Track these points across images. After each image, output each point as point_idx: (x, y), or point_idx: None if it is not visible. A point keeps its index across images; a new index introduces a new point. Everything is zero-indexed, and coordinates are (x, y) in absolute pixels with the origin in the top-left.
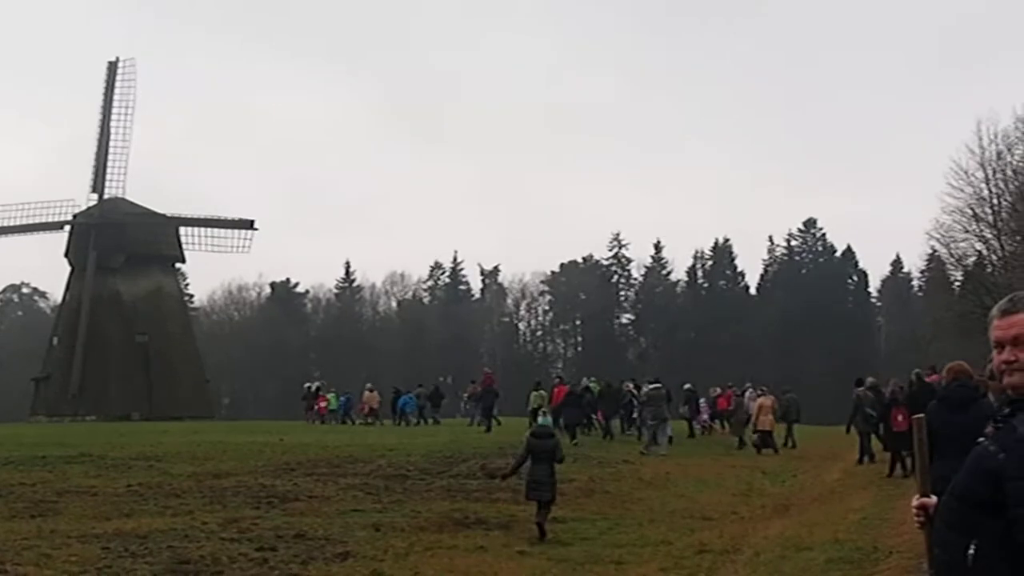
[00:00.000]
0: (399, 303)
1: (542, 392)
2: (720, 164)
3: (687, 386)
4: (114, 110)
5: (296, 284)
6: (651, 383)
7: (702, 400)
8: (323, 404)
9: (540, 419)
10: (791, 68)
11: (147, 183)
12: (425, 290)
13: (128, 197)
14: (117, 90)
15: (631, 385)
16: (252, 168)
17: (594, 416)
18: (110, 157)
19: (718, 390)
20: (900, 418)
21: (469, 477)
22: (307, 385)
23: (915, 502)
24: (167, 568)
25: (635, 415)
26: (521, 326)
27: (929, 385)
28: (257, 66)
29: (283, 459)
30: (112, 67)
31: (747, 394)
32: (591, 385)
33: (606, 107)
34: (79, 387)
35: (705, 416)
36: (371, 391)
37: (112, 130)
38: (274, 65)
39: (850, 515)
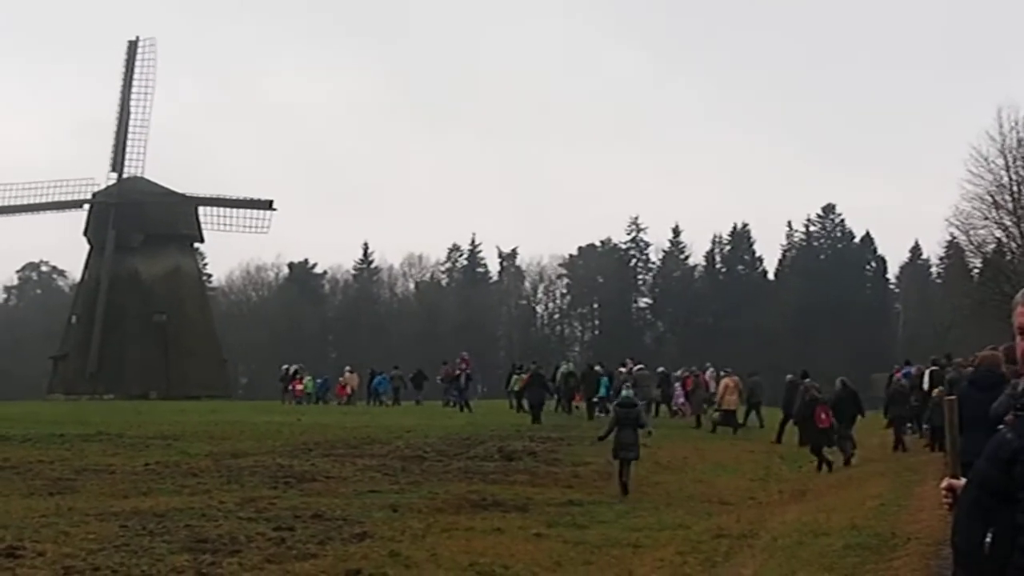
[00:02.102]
0: (417, 285)
1: (522, 376)
2: (739, 149)
3: (660, 369)
4: (134, 89)
5: (314, 265)
6: (636, 366)
7: (676, 383)
8: (299, 387)
9: (624, 392)
10: (812, 53)
11: (166, 162)
12: (443, 272)
13: (147, 176)
14: (137, 69)
15: (601, 367)
16: (271, 149)
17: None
18: (129, 136)
19: (685, 372)
20: (824, 416)
21: (486, 459)
22: (284, 367)
23: (944, 483)
24: (185, 546)
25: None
26: (539, 309)
27: (853, 391)
28: (277, 47)
29: (301, 439)
30: (132, 46)
31: (707, 373)
32: (571, 369)
33: (625, 91)
34: (97, 365)
35: (681, 398)
36: (351, 372)
37: (132, 109)
38: (293, 46)
39: (867, 501)
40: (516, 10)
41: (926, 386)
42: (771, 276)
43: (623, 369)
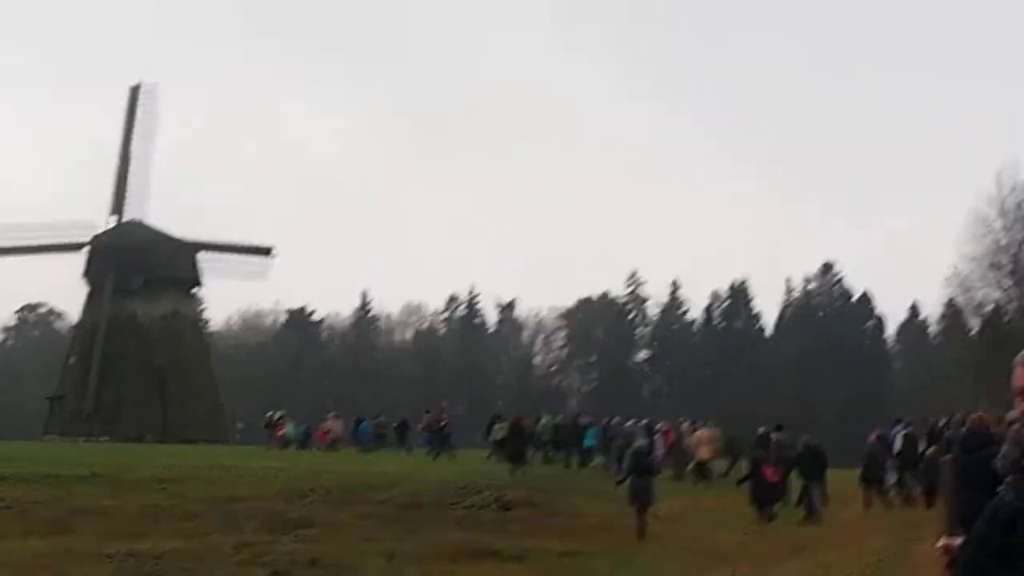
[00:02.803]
0: (415, 333)
1: (504, 424)
2: (739, 203)
3: (643, 422)
4: (135, 134)
5: (312, 312)
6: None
7: (656, 436)
8: (280, 433)
9: (639, 442)
10: (813, 108)
11: (167, 204)
12: (441, 321)
13: (148, 220)
14: (139, 114)
15: (588, 420)
16: (272, 192)
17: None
18: (130, 180)
19: (666, 425)
20: (770, 472)
21: (484, 508)
22: (269, 414)
23: (941, 542)
24: None
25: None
26: (536, 360)
27: (815, 449)
28: (278, 92)
29: (297, 485)
30: (134, 92)
31: (683, 427)
32: (559, 421)
33: (625, 145)
34: (93, 407)
35: (660, 451)
36: (335, 418)
37: (132, 154)
38: (295, 92)
39: (866, 558)
40: (514, 58)
41: (897, 447)
42: (769, 332)
43: (611, 422)
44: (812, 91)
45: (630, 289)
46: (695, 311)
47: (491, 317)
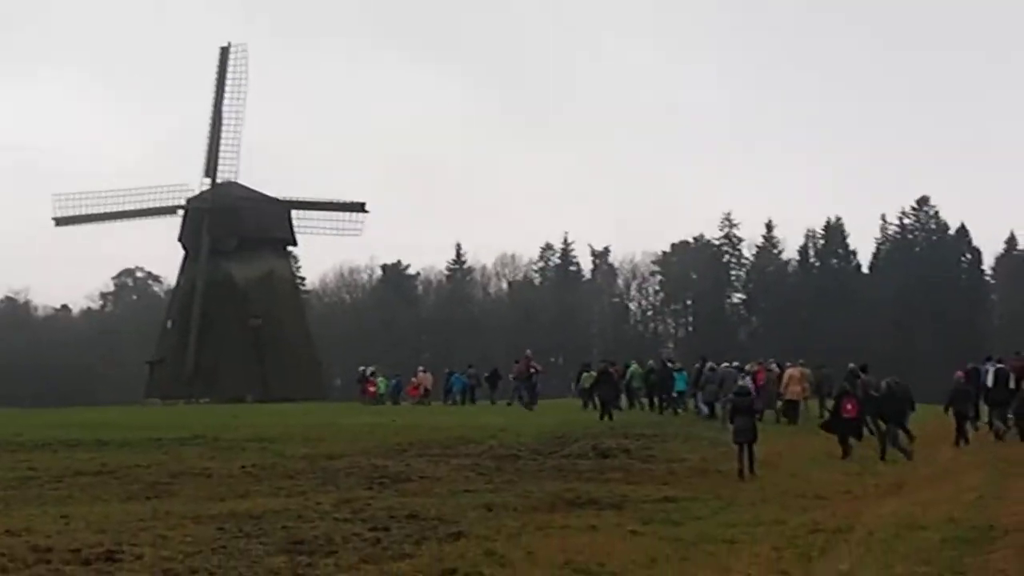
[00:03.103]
0: (510, 284)
1: (592, 373)
2: (832, 142)
3: (734, 365)
4: (226, 95)
5: (407, 266)
6: (724, 364)
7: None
8: (371, 389)
9: (739, 383)
10: (903, 44)
11: (258, 166)
12: (536, 271)
13: (240, 181)
14: (229, 75)
15: (679, 364)
16: (362, 152)
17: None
18: (222, 141)
19: (755, 366)
20: (850, 406)
21: (581, 457)
22: (361, 369)
23: None
24: (281, 548)
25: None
26: (632, 306)
27: (900, 390)
28: (367, 52)
29: (395, 440)
30: (224, 52)
31: (772, 367)
32: (651, 365)
33: (716, 89)
34: (193, 370)
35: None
36: (424, 372)
37: (224, 115)
38: (384, 52)
39: (964, 494)
40: (606, 15)
41: (989, 383)
42: (865, 270)
43: (705, 367)
44: (904, 26)
45: (724, 231)
46: (790, 251)
47: (586, 265)
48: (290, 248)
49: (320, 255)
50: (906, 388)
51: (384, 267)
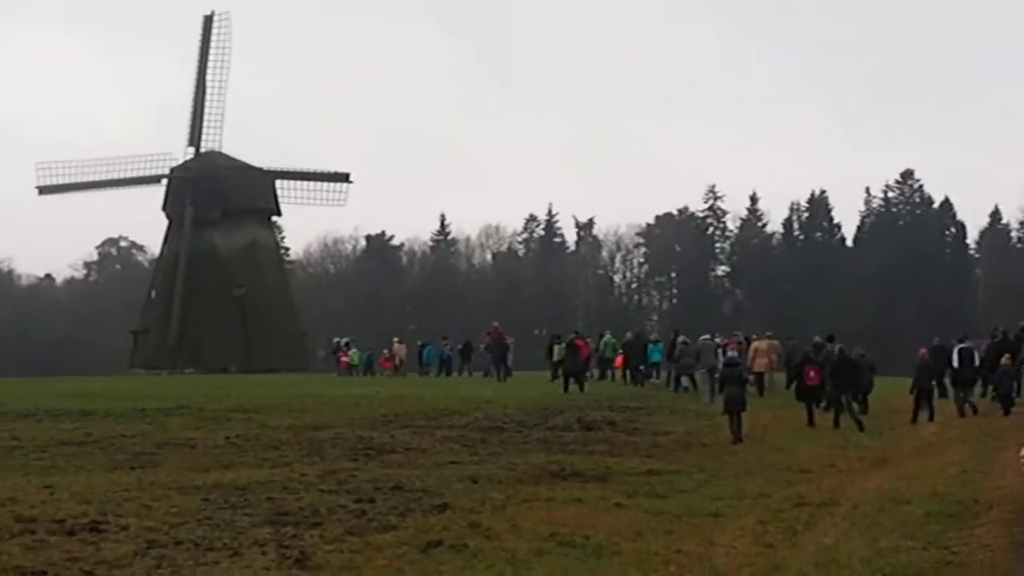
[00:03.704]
0: (494, 256)
1: (562, 345)
2: (816, 115)
3: (703, 337)
4: (210, 64)
5: (391, 237)
6: (702, 336)
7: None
8: (344, 359)
9: (728, 354)
10: (888, 16)
11: (244, 136)
12: (520, 242)
13: (224, 150)
14: (213, 44)
15: (655, 336)
16: (346, 121)
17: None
18: (206, 111)
19: (725, 339)
20: (812, 374)
21: (565, 429)
22: (336, 340)
23: (1023, 452)
24: (266, 519)
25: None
26: (616, 278)
27: (851, 360)
28: (350, 18)
29: (380, 411)
30: (208, 21)
31: (742, 340)
32: (611, 340)
33: (701, 59)
34: (177, 340)
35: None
36: (399, 343)
37: (208, 84)
38: (367, 17)
39: (948, 468)
40: None
41: (955, 364)
42: (849, 243)
43: (678, 338)
44: (888, 2)
45: (708, 203)
46: (774, 224)
47: (570, 236)
48: (274, 218)
49: (304, 225)
50: (859, 357)
51: (368, 238)
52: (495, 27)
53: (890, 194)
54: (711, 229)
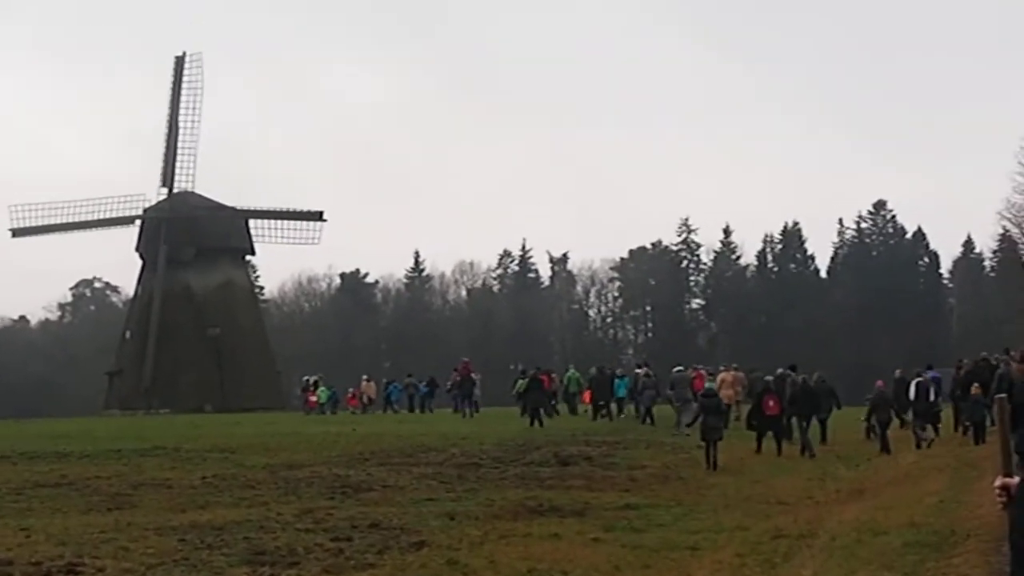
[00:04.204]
0: (468, 292)
1: (526, 380)
2: (788, 146)
3: (676, 368)
4: (182, 104)
5: (366, 275)
6: (676, 367)
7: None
8: (312, 399)
9: (707, 385)
10: (861, 47)
11: (217, 174)
12: (494, 278)
13: (197, 190)
14: (184, 84)
15: (620, 370)
16: (321, 156)
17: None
18: (179, 151)
19: (691, 372)
20: (772, 403)
21: (542, 465)
22: (305, 379)
23: (997, 482)
24: (243, 559)
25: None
26: (591, 313)
27: (810, 388)
28: (328, 53)
29: (356, 449)
30: (179, 62)
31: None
32: (574, 375)
33: (674, 91)
34: (152, 380)
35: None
36: (368, 381)
37: (180, 124)
38: (344, 54)
39: (926, 498)
40: (563, 11)
41: (912, 395)
42: (824, 274)
43: (639, 371)
44: (858, 32)
45: (682, 237)
46: (748, 256)
47: (544, 272)
48: (248, 257)
49: (278, 264)
50: (817, 385)
51: (343, 275)
52: (471, 60)
53: (863, 225)
54: (685, 262)
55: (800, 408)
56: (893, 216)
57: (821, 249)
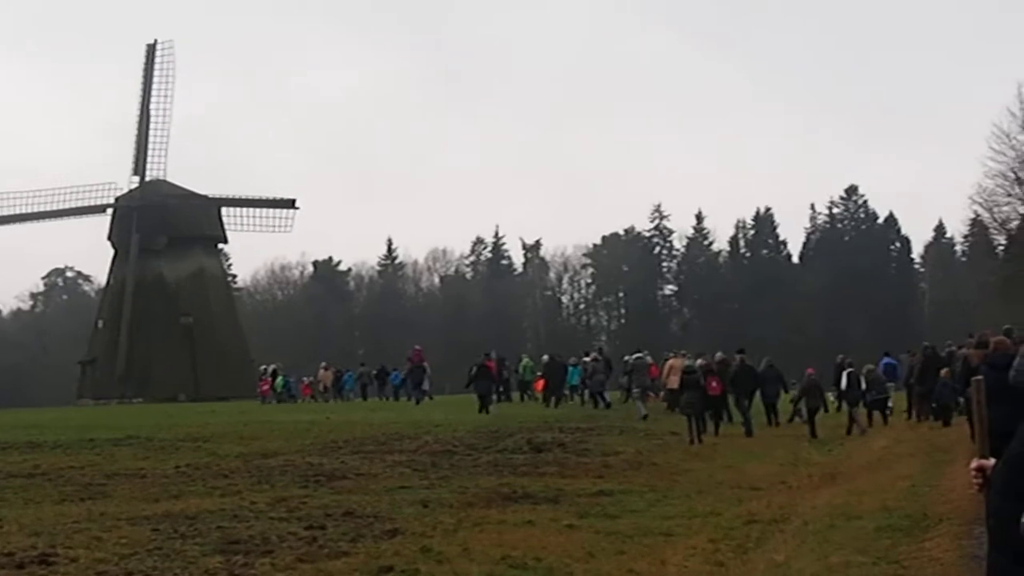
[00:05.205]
0: (441, 279)
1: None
2: (760, 132)
3: (636, 355)
4: (153, 92)
5: (339, 262)
6: (635, 353)
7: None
8: (265, 387)
9: (687, 362)
10: (833, 34)
11: (190, 163)
12: (467, 265)
13: (169, 179)
14: (156, 72)
15: (574, 359)
16: (293, 144)
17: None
18: (150, 139)
19: (649, 359)
20: (714, 384)
21: (516, 452)
22: (263, 367)
23: (973, 464)
24: (217, 548)
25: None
26: (564, 300)
27: (750, 368)
28: (299, 40)
29: (330, 437)
30: (150, 50)
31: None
32: (528, 363)
33: (646, 79)
34: (125, 369)
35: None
36: (325, 369)
37: (152, 112)
38: (316, 40)
39: (898, 483)
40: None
41: (843, 386)
42: (796, 259)
43: (587, 359)
44: (830, 19)
45: (655, 223)
46: (721, 242)
47: (517, 258)
48: (221, 245)
49: (251, 252)
50: (763, 368)
51: (315, 263)
52: (442, 49)
53: (835, 210)
54: (658, 248)
55: (739, 388)
56: (865, 201)
57: (793, 234)
